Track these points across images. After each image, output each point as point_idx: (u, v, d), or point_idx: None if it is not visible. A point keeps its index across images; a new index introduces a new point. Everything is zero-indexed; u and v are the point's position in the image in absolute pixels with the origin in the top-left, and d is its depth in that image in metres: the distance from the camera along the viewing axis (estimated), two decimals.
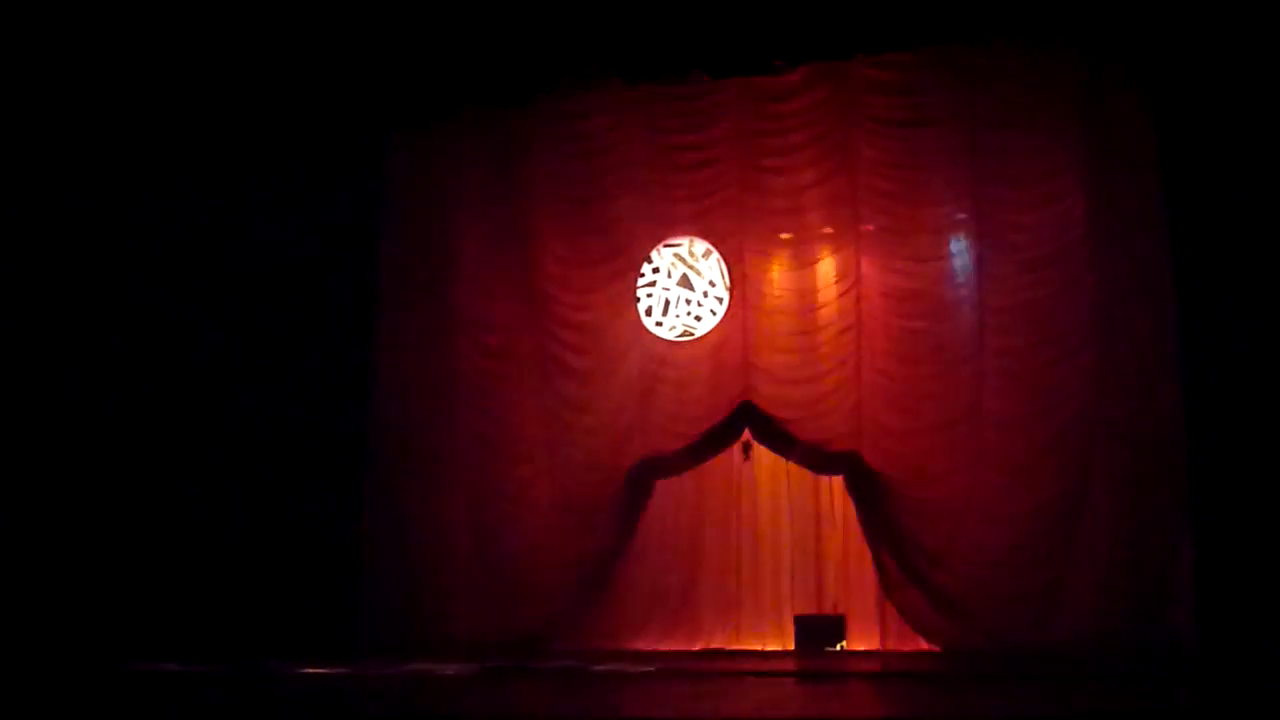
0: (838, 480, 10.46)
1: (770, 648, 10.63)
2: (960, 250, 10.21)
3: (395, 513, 10.99)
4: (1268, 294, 8.85)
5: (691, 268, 10.69)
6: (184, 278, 10.99)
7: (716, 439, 10.53)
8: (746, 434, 10.55)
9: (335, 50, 10.69)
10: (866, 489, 10.10)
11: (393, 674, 9.83)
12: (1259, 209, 8.87)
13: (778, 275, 10.70)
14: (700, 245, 10.69)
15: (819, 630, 10.47)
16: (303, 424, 10.83)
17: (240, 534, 10.66)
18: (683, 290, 10.69)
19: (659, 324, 10.70)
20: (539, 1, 10.34)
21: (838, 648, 10.39)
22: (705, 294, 10.64)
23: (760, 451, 10.65)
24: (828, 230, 10.56)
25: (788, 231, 10.70)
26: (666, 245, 10.77)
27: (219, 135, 10.99)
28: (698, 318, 10.63)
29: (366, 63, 10.87)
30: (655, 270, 10.75)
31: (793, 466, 10.71)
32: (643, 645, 10.70)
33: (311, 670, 9.64)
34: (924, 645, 10.00)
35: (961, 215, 10.19)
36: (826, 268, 10.54)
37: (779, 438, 10.39)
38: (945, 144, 10.13)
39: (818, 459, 10.37)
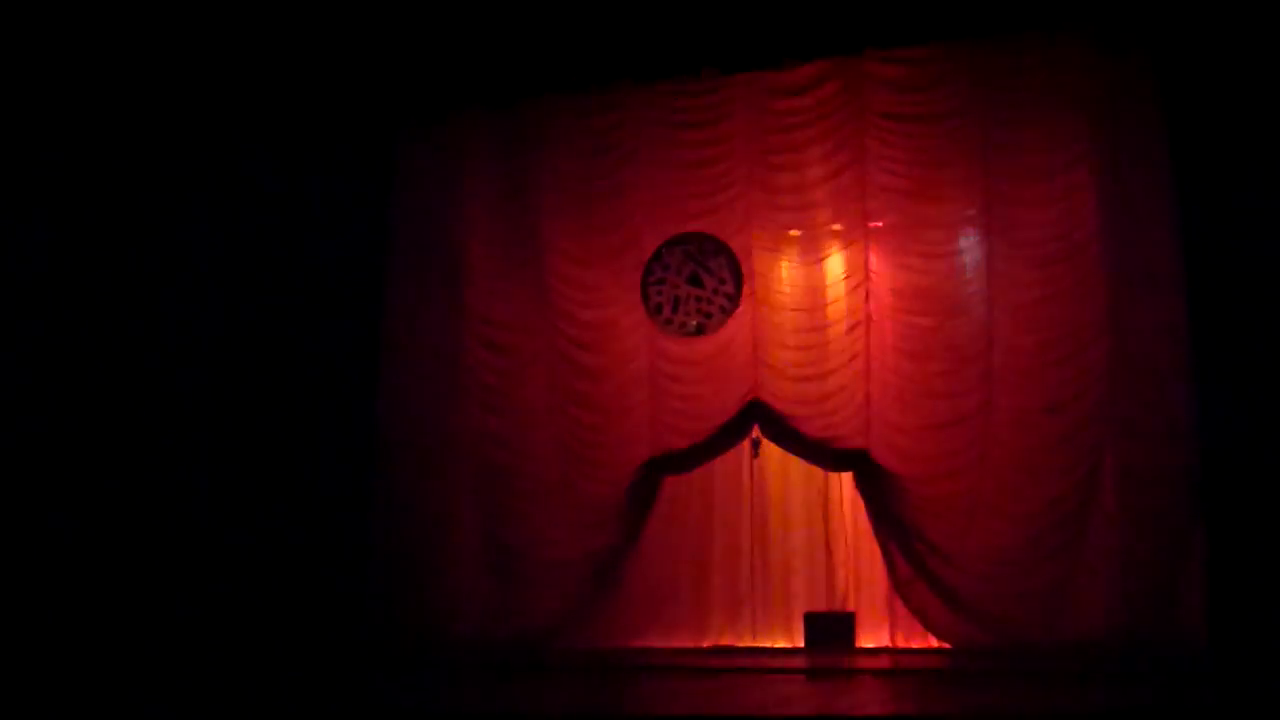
0: (847, 477, 10.42)
1: (780, 645, 10.61)
2: (970, 246, 10.17)
3: (402, 510, 10.97)
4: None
5: (701, 264, 10.67)
6: (191, 271, 10.97)
7: (726, 436, 10.50)
8: (756, 431, 10.52)
9: (348, 45, 10.68)
10: (875, 486, 10.07)
11: (399, 672, 9.87)
12: (1272, 205, 8.83)
13: (787, 272, 10.66)
14: (710, 242, 10.66)
15: (828, 627, 10.44)
16: (309, 420, 10.83)
17: (245, 532, 10.64)
18: (692, 287, 10.67)
19: (668, 321, 10.68)
20: None
21: None
22: (714, 291, 10.62)
23: (769, 448, 10.61)
24: (837, 226, 10.52)
25: (797, 228, 10.66)
26: (676, 242, 10.74)
27: (229, 128, 10.98)
28: (707, 314, 10.62)
29: (378, 58, 10.86)
30: (664, 267, 10.73)
31: (802, 463, 10.68)
32: (652, 643, 10.70)
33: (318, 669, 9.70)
34: (933, 642, 9.99)
35: (971, 211, 10.13)
36: (836, 264, 10.50)
37: (788, 434, 10.35)
38: (955, 140, 10.07)
39: (827, 456, 10.34)
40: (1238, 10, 9.02)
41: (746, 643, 10.69)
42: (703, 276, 10.65)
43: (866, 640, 10.40)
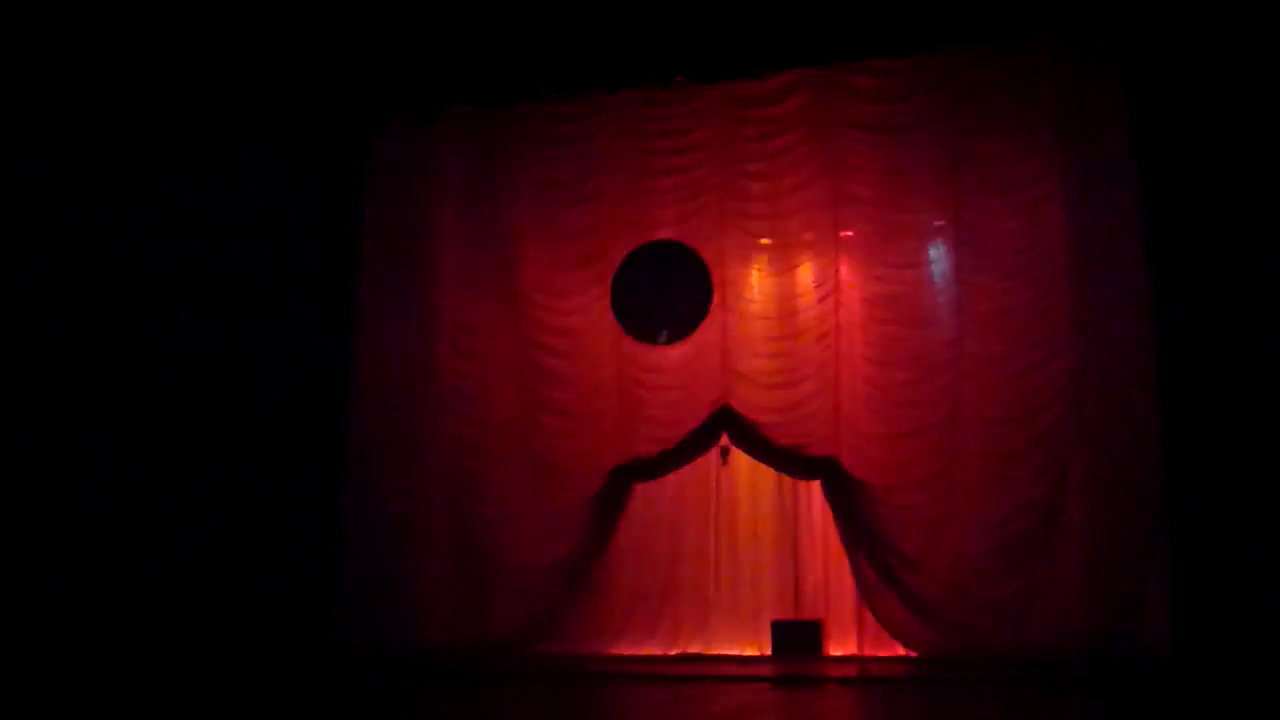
0: (815, 485, 10.45)
1: (747, 652, 10.61)
2: (939, 257, 10.24)
3: (373, 515, 10.93)
4: (1244, 301, 8.91)
5: (672, 272, 10.65)
6: (162, 274, 10.90)
7: (695, 443, 10.51)
8: (725, 438, 10.54)
9: (321, 50, 10.66)
10: (844, 494, 10.10)
11: (369, 678, 9.83)
12: (1237, 216, 8.93)
13: (758, 280, 10.72)
14: (681, 250, 10.65)
15: (796, 635, 10.46)
16: (280, 426, 10.77)
17: (216, 537, 10.57)
18: (662, 295, 10.63)
19: (638, 328, 10.63)
20: (522, 5, 10.34)
21: None
22: (685, 299, 10.58)
23: (739, 456, 10.64)
24: (808, 236, 10.57)
25: (768, 237, 10.71)
26: (647, 249, 10.71)
27: (201, 130, 10.93)
28: (678, 322, 10.58)
29: (351, 64, 10.85)
30: (635, 274, 10.67)
31: (771, 471, 10.71)
32: (620, 649, 10.70)
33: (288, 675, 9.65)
34: (901, 650, 10.01)
35: (941, 222, 10.22)
36: (806, 273, 10.56)
37: (757, 442, 10.38)
38: (926, 151, 10.14)
39: (796, 464, 10.37)
40: (1204, 23, 9.12)
41: (714, 650, 10.70)
42: (673, 284, 10.64)
43: (834, 648, 10.44)
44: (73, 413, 10.52)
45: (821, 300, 10.37)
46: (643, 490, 10.82)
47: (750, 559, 10.91)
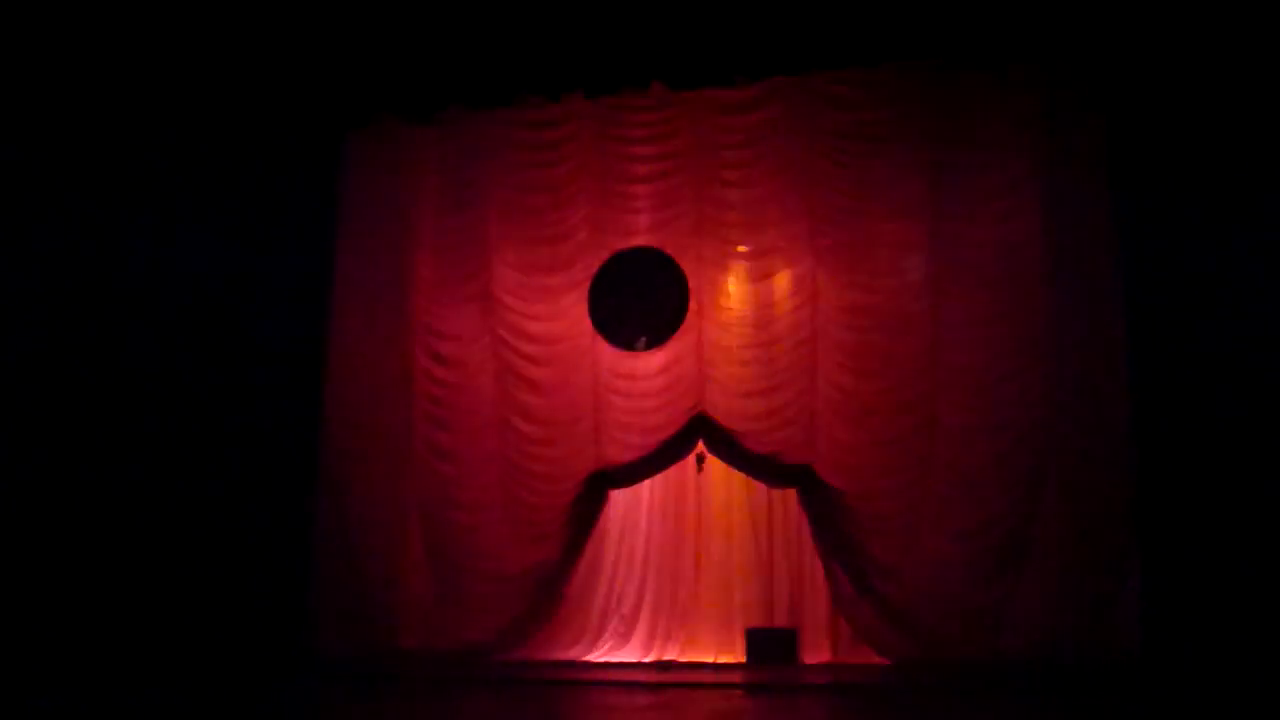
0: (791, 492, 10.46)
1: (722, 660, 10.61)
2: (916, 265, 10.26)
3: (346, 521, 10.88)
4: (1217, 311, 8.98)
5: (648, 279, 10.66)
6: (132, 278, 10.82)
7: (671, 450, 10.51)
8: (701, 446, 10.54)
9: (298, 52, 10.63)
10: (819, 502, 10.12)
11: (342, 684, 9.79)
12: (1211, 226, 9.01)
13: (734, 288, 10.72)
14: (658, 256, 10.66)
15: (771, 643, 10.46)
16: (253, 432, 10.71)
17: (188, 543, 10.50)
18: (639, 302, 10.64)
19: (615, 335, 10.63)
20: (498, 11, 10.33)
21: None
22: (661, 305, 10.59)
23: (714, 463, 10.64)
24: (784, 243, 10.57)
25: (745, 244, 10.72)
26: (623, 256, 10.72)
27: (175, 135, 10.87)
28: (654, 329, 10.59)
29: (327, 69, 10.82)
30: (612, 281, 10.69)
31: (746, 478, 10.71)
32: (595, 657, 10.69)
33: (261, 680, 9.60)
34: (875, 658, 10.02)
35: (917, 231, 10.24)
36: (783, 281, 10.57)
37: (733, 449, 10.38)
38: (902, 160, 10.19)
39: (771, 471, 10.38)
40: (1179, 36, 9.20)
41: (689, 657, 10.68)
42: (650, 291, 10.64)
43: (809, 656, 10.44)
44: (35, 416, 10.41)
45: (798, 308, 10.39)
46: (618, 497, 10.82)
47: (725, 566, 10.90)
